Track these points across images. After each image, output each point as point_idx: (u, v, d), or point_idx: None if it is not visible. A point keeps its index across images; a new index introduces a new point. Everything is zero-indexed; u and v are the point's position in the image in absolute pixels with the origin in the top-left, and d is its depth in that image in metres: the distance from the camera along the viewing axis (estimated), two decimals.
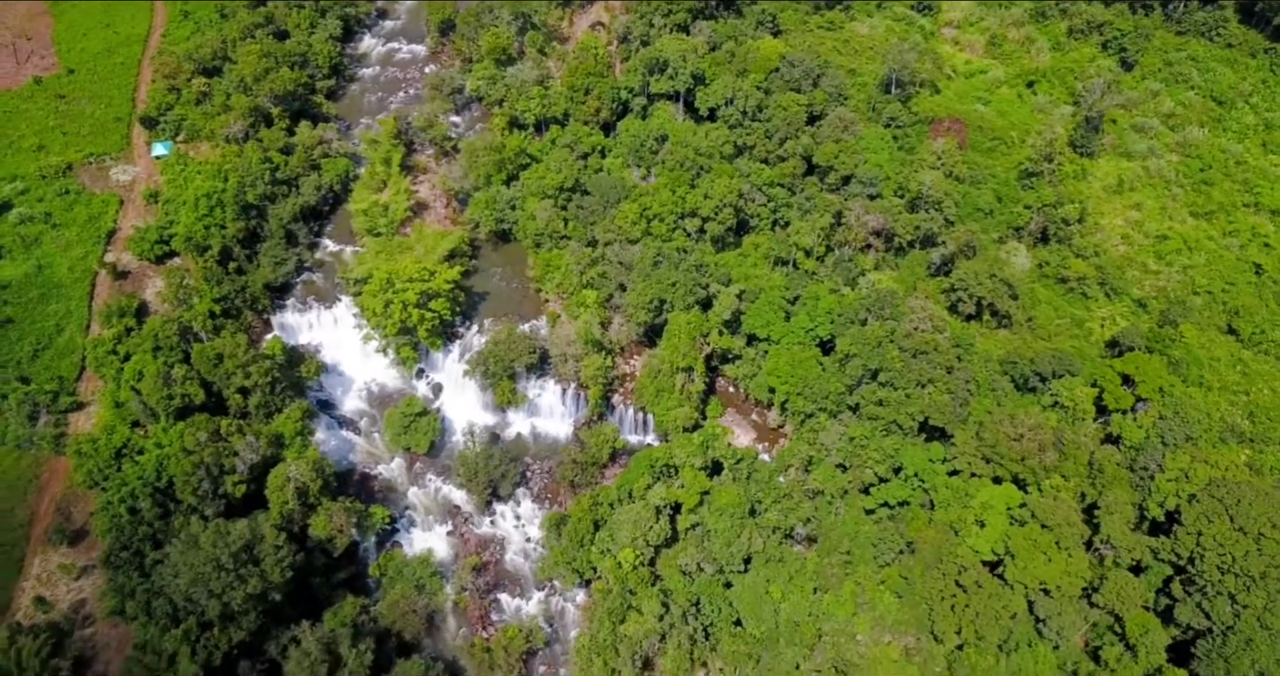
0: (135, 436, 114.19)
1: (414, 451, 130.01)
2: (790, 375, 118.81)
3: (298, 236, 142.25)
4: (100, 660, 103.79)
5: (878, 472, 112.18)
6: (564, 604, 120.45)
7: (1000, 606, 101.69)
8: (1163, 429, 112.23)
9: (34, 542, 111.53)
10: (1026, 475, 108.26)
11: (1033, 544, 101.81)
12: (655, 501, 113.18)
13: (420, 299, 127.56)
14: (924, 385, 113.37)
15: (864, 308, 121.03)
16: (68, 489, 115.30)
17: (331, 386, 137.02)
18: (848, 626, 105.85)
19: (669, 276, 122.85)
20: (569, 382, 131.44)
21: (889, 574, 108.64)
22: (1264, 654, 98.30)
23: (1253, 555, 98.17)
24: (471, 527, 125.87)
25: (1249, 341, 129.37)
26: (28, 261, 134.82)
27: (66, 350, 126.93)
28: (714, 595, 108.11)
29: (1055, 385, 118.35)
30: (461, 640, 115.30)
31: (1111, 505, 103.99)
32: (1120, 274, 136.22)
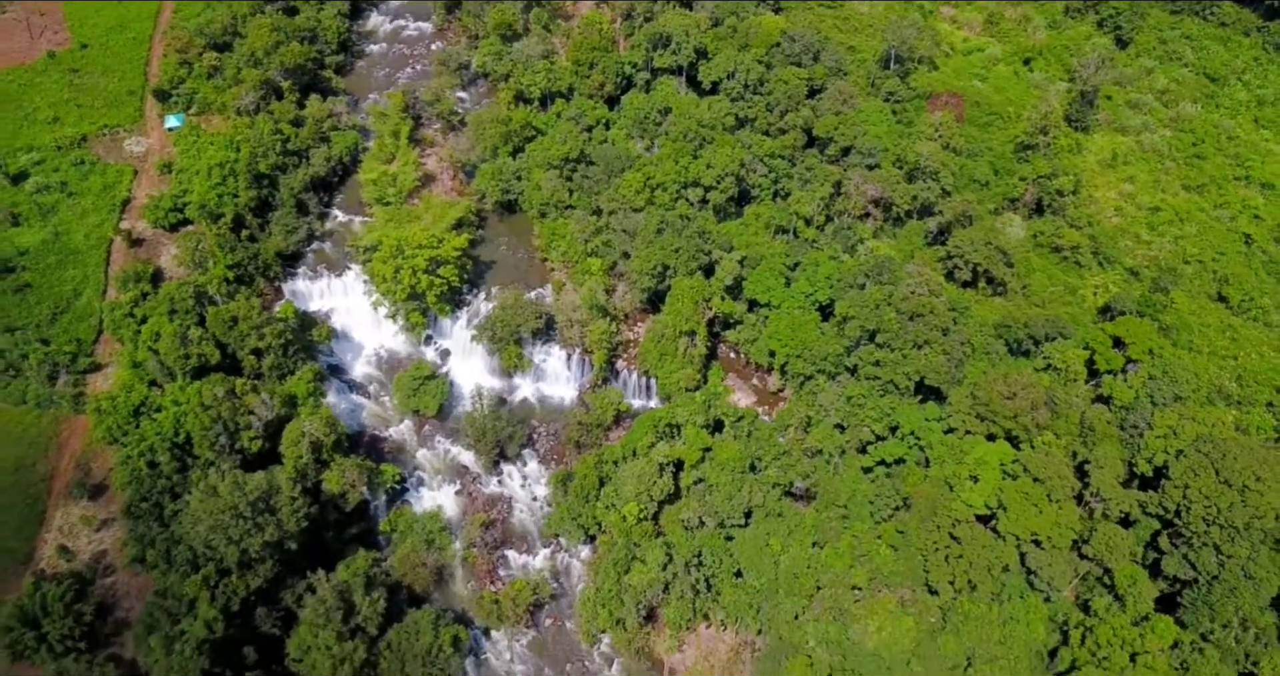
0: (153, 394, 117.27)
1: (423, 414, 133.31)
2: (790, 338, 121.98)
3: (308, 206, 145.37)
4: (121, 607, 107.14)
5: (875, 431, 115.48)
6: (569, 559, 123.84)
7: (993, 557, 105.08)
8: (1152, 389, 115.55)
9: (55, 497, 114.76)
10: (1019, 432, 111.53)
11: (1024, 496, 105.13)
12: (658, 458, 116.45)
13: (429, 265, 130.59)
14: (920, 346, 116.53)
15: (862, 273, 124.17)
16: (87, 446, 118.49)
17: (342, 352, 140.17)
18: (845, 578, 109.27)
19: (672, 242, 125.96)
20: (574, 348, 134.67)
21: (885, 529, 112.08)
22: (1247, 600, 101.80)
23: (1237, 507, 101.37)
24: (479, 487, 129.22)
25: (1238, 308, 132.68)
26: (45, 228, 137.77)
27: (84, 314, 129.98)
28: (715, 547, 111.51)
29: (1048, 348, 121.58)
30: (470, 593, 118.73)
31: (1101, 459, 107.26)
32: (1113, 243, 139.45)
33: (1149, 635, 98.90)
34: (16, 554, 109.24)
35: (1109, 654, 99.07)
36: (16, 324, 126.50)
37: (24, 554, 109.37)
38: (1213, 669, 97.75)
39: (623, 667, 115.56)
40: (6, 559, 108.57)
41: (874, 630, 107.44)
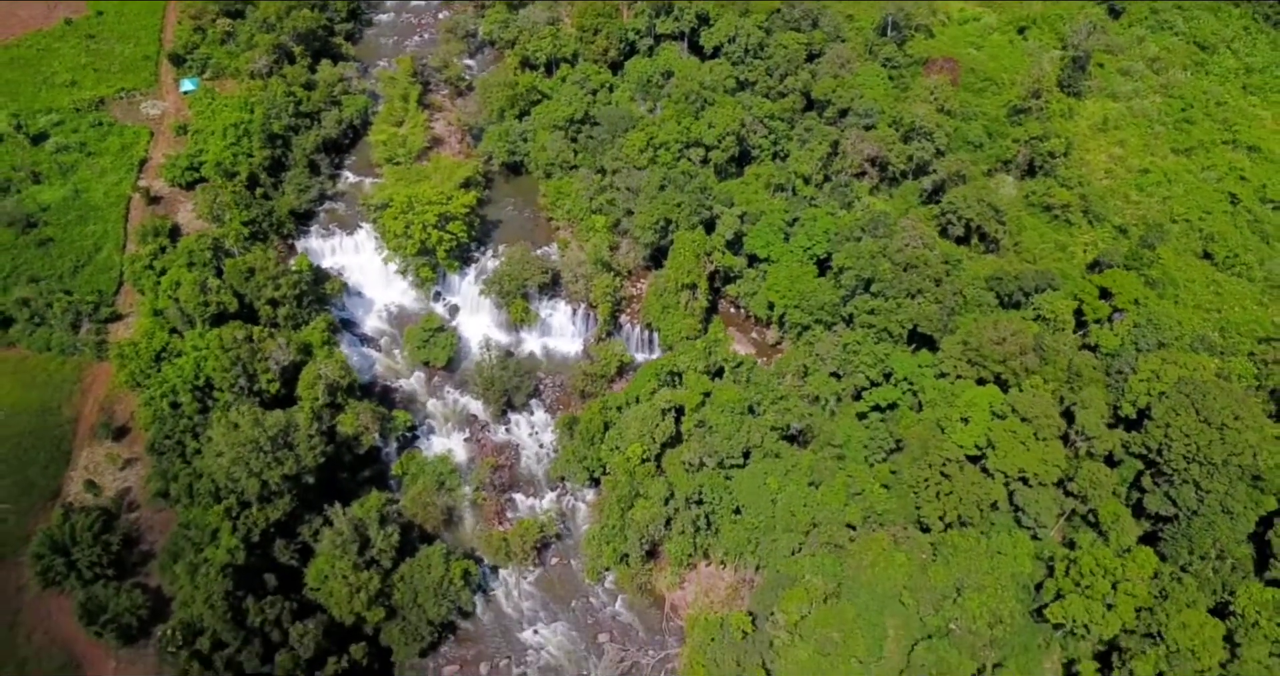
0: (173, 341, 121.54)
1: (432, 365, 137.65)
2: (788, 289, 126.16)
3: (320, 166, 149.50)
4: (146, 540, 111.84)
5: (869, 377, 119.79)
6: (575, 502, 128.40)
7: (982, 493, 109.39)
8: (1136, 336, 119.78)
9: (80, 438, 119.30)
10: (1008, 376, 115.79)
11: (1012, 434, 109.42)
12: (661, 403, 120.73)
13: (438, 221, 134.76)
14: (913, 296, 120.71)
15: (858, 227, 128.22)
16: (110, 390, 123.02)
17: (353, 308, 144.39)
18: (839, 516, 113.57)
19: (674, 198, 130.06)
20: (579, 303, 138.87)
21: (879, 470, 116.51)
22: (1224, 533, 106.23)
23: (1216, 444, 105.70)
24: (488, 435, 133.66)
25: (1222, 264, 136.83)
26: (65, 186, 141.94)
27: (104, 267, 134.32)
28: (715, 485, 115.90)
29: (1037, 299, 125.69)
30: (479, 533, 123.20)
31: (1086, 400, 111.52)
32: (1103, 203, 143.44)
33: (1130, 564, 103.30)
34: (45, 490, 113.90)
35: (1091, 583, 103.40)
36: (40, 275, 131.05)
37: (51, 490, 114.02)
38: (1190, 596, 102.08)
39: (626, 603, 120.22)
40: (35, 494, 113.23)
41: (867, 565, 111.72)
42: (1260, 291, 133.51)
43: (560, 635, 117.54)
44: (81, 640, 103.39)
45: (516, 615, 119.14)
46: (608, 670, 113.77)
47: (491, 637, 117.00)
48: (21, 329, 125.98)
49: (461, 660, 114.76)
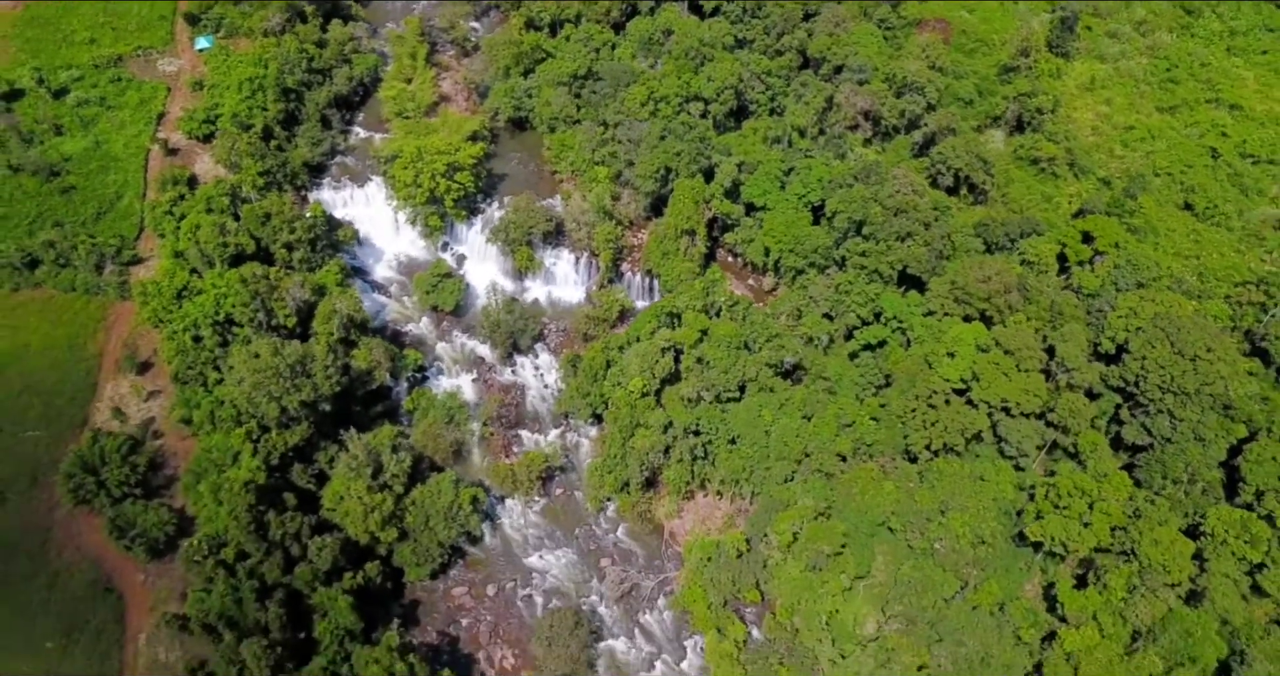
0: (193, 280, 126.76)
1: (441, 310, 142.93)
2: (784, 234, 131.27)
3: (331, 121, 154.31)
4: (170, 465, 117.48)
5: (860, 315, 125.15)
6: (579, 438, 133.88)
7: (967, 422, 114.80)
8: (1116, 276, 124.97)
9: (105, 372, 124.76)
10: (993, 313, 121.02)
11: (995, 366, 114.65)
12: (661, 342, 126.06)
13: (447, 170, 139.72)
14: (903, 239, 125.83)
15: (851, 175, 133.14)
16: (133, 328, 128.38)
17: (364, 256, 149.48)
18: (831, 446, 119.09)
19: (674, 146, 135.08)
20: (582, 251, 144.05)
21: (869, 403, 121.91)
22: (1196, 458, 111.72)
23: (1189, 374, 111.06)
24: (495, 375, 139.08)
25: (1202, 215, 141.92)
26: (86, 138, 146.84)
27: (125, 213, 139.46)
28: (712, 417, 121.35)
29: (1022, 244, 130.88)
30: (486, 465, 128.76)
31: (1067, 334, 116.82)
32: (1088, 157, 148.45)
33: (1105, 486, 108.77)
34: (72, 419, 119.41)
35: (1069, 504, 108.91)
36: (63, 221, 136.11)
37: (79, 419, 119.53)
38: (1162, 515, 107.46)
39: (627, 531, 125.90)
40: (64, 423, 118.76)
41: (857, 493, 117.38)
42: (1238, 239, 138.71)
43: (564, 560, 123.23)
44: (110, 555, 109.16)
45: (522, 542, 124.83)
46: (609, 591, 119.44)
47: (499, 562, 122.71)
48: (47, 270, 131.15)
49: (470, 582, 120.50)
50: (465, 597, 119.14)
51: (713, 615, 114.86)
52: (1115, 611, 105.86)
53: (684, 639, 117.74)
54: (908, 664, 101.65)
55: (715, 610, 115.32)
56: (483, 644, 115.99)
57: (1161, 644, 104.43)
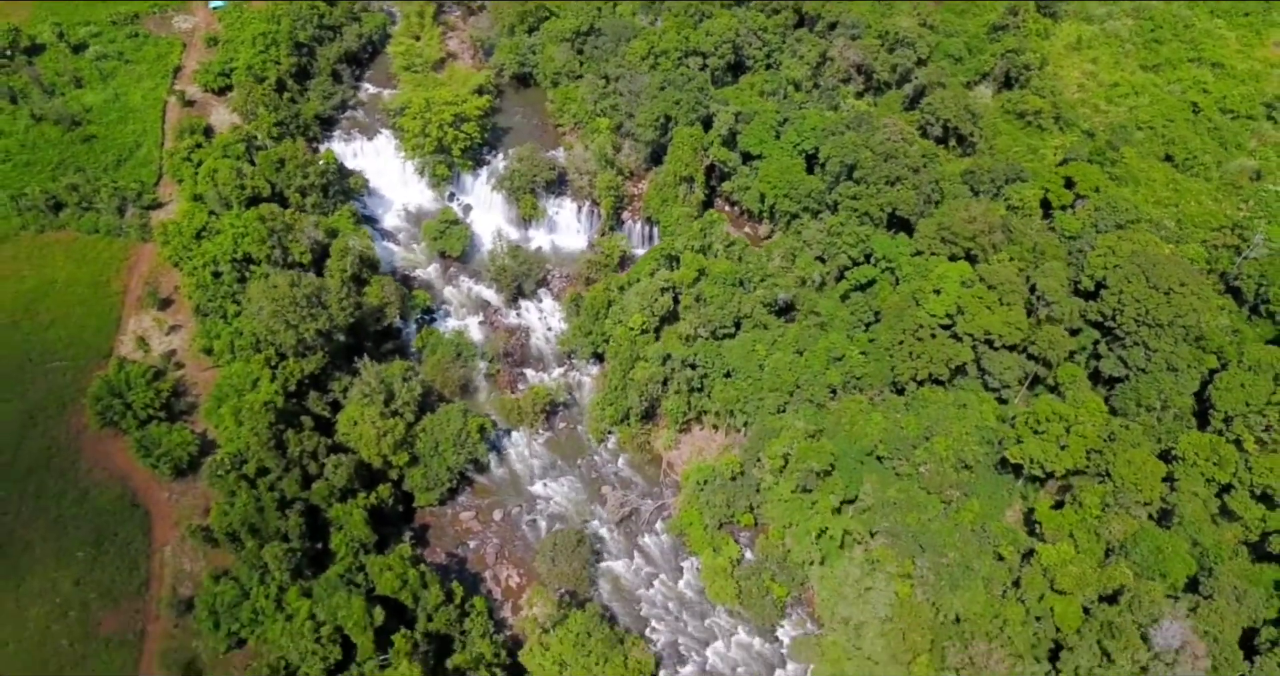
0: (212, 221, 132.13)
1: (448, 256, 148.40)
2: (779, 180, 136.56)
3: (342, 76, 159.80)
4: (191, 394, 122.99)
5: (851, 256, 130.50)
6: (581, 377, 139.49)
7: (951, 353, 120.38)
8: (1096, 218, 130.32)
9: (128, 307, 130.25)
10: (978, 252, 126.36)
11: (978, 300, 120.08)
12: (660, 282, 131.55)
13: (454, 120, 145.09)
14: (893, 183, 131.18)
15: (844, 124, 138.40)
16: (154, 267, 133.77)
17: (374, 206, 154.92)
18: (821, 378, 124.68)
19: (674, 96, 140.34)
20: (584, 200, 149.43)
21: (858, 339, 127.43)
22: (1168, 386, 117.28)
23: (1163, 306, 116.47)
24: (500, 318, 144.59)
25: (1182, 166, 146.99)
26: (105, 90, 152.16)
27: (144, 161, 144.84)
28: (708, 351, 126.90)
29: (1008, 190, 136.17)
30: (493, 400, 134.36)
31: (1047, 270, 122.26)
32: (1073, 111, 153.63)
33: (1081, 411, 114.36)
34: (98, 351, 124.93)
35: (1047, 428, 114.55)
36: (85, 168, 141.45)
37: (105, 350, 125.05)
38: (1135, 439, 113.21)
39: (627, 461, 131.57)
40: (90, 353, 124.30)
41: (846, 423, 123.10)
42: (1215, 189, 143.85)
43: (567, 487, 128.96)
44: (136, 474, 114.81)
45: (527, 471, 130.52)
46: (610, 515, 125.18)
47: (505, 489, 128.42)
48: (71, 213, 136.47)
49: (477, 508, 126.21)
50: (473, 521, 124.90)
51: (708, 536, 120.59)
52: (1089, 529, 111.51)
53: (681, 560, 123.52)
54: (892, 573, 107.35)
55: (710, 532, 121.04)
56: (489, 564, 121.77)
57: (1133, 559, 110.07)
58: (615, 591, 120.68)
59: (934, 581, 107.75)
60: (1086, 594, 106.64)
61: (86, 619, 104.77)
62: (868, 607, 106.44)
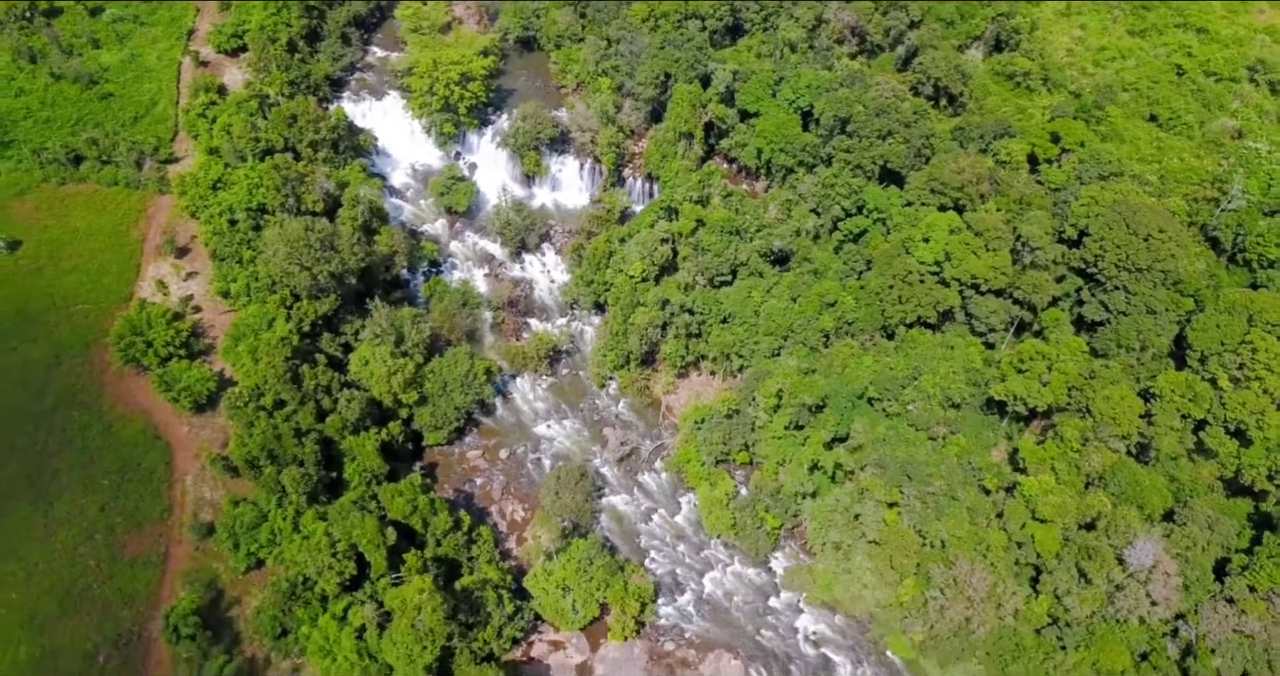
0: (227, 173, 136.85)
1: (454, 212, 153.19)
2: (775, 135, 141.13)
3: (351, 39, 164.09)
4: (209, 336, 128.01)
5: (844, 207, 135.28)
6: (583, 327, 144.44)
7: (939, 297, 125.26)
8: (1081, 171, 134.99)
9: (147, 255, 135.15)
10: (966, 202, 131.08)
11: (965, 245, 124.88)
12: (660, 233, 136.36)
13: (460, 79, 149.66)
14: (885, 137, 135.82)
15: (838, 82, 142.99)
16: (171, 218, 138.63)
17: (382, 165, 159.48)
18: (815, 322, 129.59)
19: (673, 54, 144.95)
20: (586, 158, 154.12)
21: (850, 286, 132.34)
22: (1147, 328, 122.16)
23: (1142, 252, 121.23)
24: (504, 271, 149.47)
25: (1165, 125, 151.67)
26: (122, 51, 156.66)
27: (161, 118, 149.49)
28: (706, 298, 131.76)
29: (995, 145, 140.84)
30: (499, 346, 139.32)
31: (1031, 218, 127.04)
32: (1061, 73, 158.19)
33: (1063, 349, 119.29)
34: (119, 295, 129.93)
35: (1029, 367, 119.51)
36: (103, 124, 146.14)
37: (125, 295, 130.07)
38: (1114, 376, 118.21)
39: (628, 405, 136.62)
40: (111, 298, 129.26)
41: (838, 366, 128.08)
42: (1197, 146, 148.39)
43: (570, 429, 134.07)
44: (158, 409, 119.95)
45: (532, 414, 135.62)
46: (611, 453, 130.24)
47: (510, 430, 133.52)
48: (91, 166, 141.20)
49: (484, 447, 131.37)
50: (479, 460, 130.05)
51: (705, 472, 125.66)
52: (1070, 461, 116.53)
53: (679, 496, 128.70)
54: (880, 501, 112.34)
55: (707, 468, 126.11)
56: (495, 499, 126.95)
57: (1111, 490, 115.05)
58: (616, 524, 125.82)
59: (920, 509, 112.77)
60: (1066, 521, 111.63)
61: (112, 541, 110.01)
62: (856, 531, 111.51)
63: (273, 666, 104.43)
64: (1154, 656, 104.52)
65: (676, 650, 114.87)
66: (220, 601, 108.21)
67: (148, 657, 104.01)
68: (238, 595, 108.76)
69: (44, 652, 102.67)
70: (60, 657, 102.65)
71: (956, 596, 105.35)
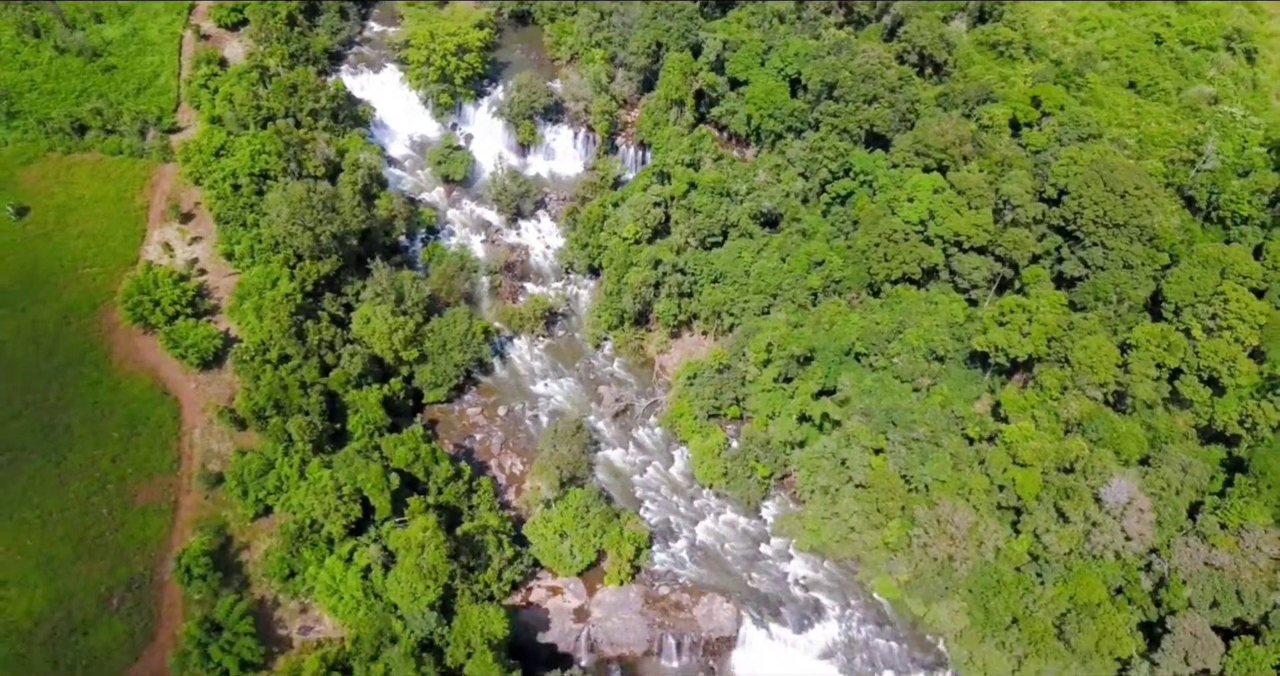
0: (229, 141, 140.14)
1: (451, 180, 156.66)
2: (764, 101, 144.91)
3: (349, 13, 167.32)
4: (214, 296, 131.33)
5: (831, 170, 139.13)
6: (578, 290, 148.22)
7: (924, 254, 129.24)
8: (1060, 133, 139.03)
9: (152, 221, 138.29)
10: (949, 163, 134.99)
11: (949, 204, 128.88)
12: (653, 197, 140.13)
13: (457, 50, 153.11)
14: (870, 102, 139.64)
15: (825, 50, 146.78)
16: (175, 185, 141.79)
17: (381, 136, 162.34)
18: (803, 281, 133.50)
19: (664, 24, 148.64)
20: (580, 127, 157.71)
21: (837, 246, 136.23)
22: (1124, 281, 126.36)
23: (1119, 208, 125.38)
24: (501, 237, 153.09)
25: (1144, 92, 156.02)
26: (124, 25, 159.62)
27: (163, 90, 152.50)
28: (697, 259, 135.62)
29: (978, 110, 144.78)
30: (496, 309, 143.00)
31: (1013, 177, 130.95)
32: (1043, 42, 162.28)
33: (1042, 302, 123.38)
34: (126, 258, 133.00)
35: (1010, 319, 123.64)
36: (106, 94, 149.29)
37: (131, 258, 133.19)
38: (1092, 327, 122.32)
39: (622, 365, 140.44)
40: (118, 261, 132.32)
41: (826, 322, 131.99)
42: (1175, 112, 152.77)
43: (566, 387, 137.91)
44: (166, 366, 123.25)
45: (529, 373, 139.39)
46: (606, 409, 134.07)
47: (508, 389, 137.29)
48: (95, 136, 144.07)
49: (482, 404, 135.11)
50: (479, 417, 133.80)
51: (697, 426, 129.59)
52: (1049, 409, 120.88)
53: (672, 449, 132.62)
54: (866, 446, 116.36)
55: (700, 422, 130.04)
56: (494, 454, 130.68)
57: (1089, 436, 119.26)
58: (611, 477, 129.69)
59: (905, 454, 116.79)
60: (1045, 465, 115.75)
61: (123, 491, 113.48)
62: (843, 476, 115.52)
63: (281, 606, 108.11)
64: (1129, 589, 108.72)
65: (671, 594, 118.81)
66: (229, 547, 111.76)
67: (160, 600, 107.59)
68: (246, 541, 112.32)
69: (60, 595, 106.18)
70: (75, 600, 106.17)
71: (939, 534, 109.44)
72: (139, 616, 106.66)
